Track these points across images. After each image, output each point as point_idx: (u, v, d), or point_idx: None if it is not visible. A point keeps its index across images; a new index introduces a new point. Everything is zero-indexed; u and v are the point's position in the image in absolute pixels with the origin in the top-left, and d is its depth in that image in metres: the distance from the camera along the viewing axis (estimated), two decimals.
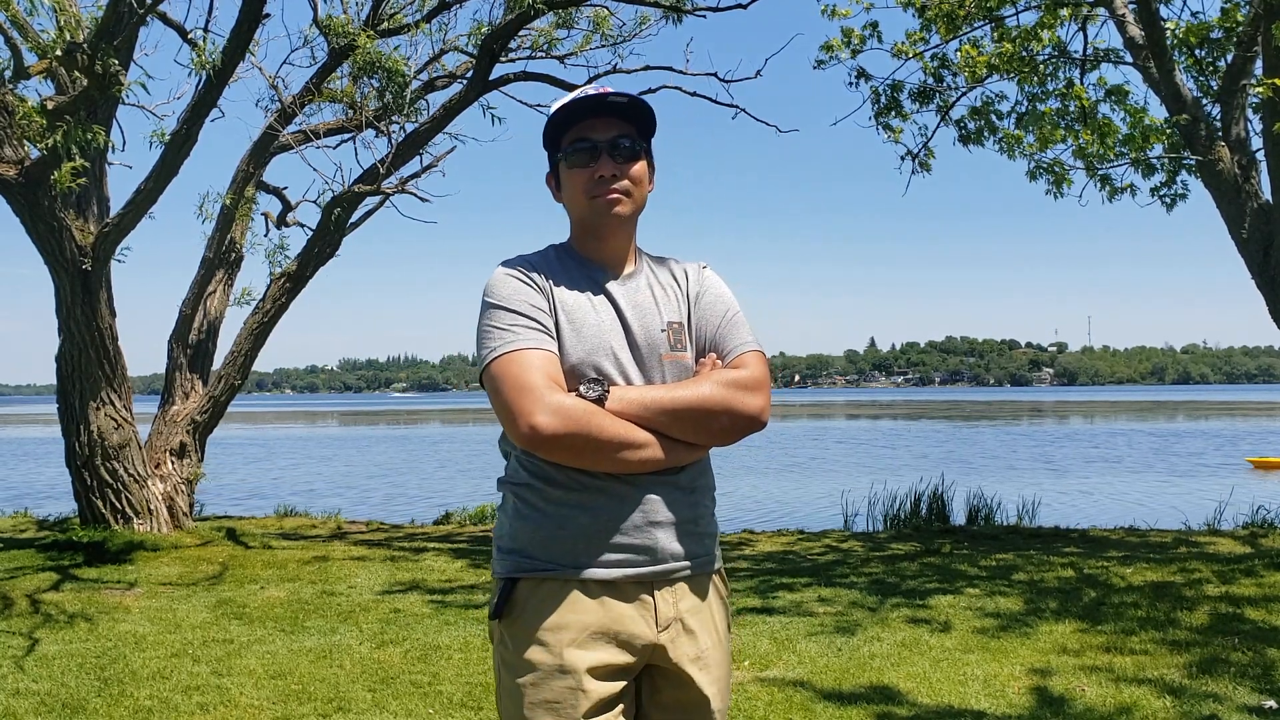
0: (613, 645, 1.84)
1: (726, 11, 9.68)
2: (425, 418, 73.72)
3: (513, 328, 1.87)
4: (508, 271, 1.95)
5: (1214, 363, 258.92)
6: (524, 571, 1.86)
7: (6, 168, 7.77)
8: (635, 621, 1.86)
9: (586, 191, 1.94)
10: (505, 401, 1.81)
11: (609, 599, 1.85)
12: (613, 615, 1.84)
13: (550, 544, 1.85)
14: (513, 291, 1.91)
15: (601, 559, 1.84)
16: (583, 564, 1.84)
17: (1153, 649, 5.19)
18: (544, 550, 1.85)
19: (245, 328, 10.18)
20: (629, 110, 1.94)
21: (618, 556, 1.85)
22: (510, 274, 1.94)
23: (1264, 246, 8.57)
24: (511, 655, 1.86)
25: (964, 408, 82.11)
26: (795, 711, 4.32)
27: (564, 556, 1.84)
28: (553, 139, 2.00)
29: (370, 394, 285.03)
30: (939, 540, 9.13)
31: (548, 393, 1.80)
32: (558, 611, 1.83)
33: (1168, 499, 16.31)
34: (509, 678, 1.86)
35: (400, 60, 9.69)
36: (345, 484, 21.71)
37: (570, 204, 1.99)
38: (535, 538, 1.86)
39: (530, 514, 1.87)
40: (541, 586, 1.85)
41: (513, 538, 1.89)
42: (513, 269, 1.95)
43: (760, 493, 18.37)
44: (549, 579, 1.84)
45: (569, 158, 1.95)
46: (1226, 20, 9.16)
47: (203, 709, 4.47)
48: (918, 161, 11.12)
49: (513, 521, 1.90)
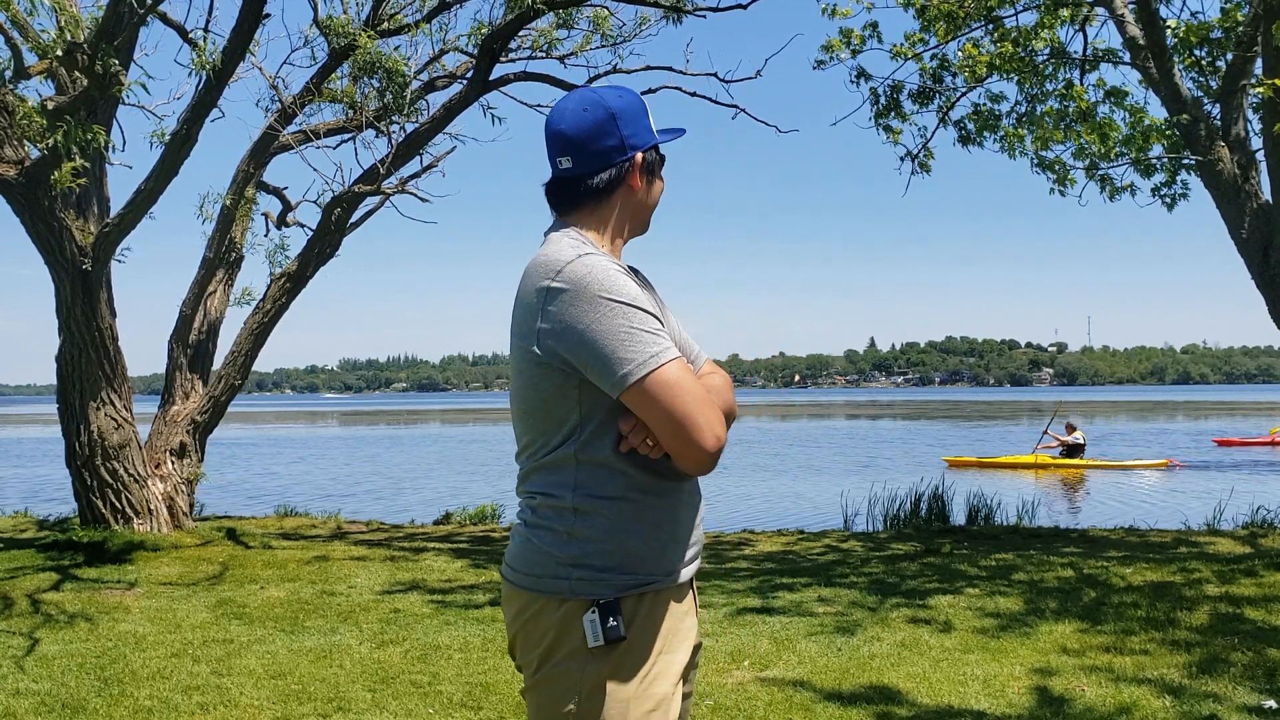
0: (687, 644, 1.87)
1: (726, 11, 9.68)
2: (425, 418, 73.72)
3: (659, 333, 1.73)
4: (611, 266, 1.76)
5: (1214, 363, 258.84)
6: (629, 589, 1.76)
7: (6, 168, 7.78)
8: (691, 615, 1.90)
9: (656, 202, 1.97)
10: (685, 413, 1.68)
11: (684, 599, 1.88)
12: (687, 614, 1.88)
13: (659, 554, 1.79)
14: (635, 291, 1.74)
15: (684, 561, 1.85)
16: (674, 569, 1.82)
17: (1153, 649, 5.19)
18: (644, 563, 1.77)
19: (245, 328, 10.18)
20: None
21: (690, 555, 1.87)
22: (616, 269, 1.76)
23: (1264, 246, 8.57)
24: (623, 676, 1.74)
25: (964, 408, 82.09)
26: (795, 711, 4.32)
27: (662, 565, 1.80)
28: (650, 129, 1.93)
29: (370, 394, 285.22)
30: (939, 540, 9.13)
31: (716, 403, 1.76)
32: (668, 622, 1.80)
33: (1167, 499, 16.32)
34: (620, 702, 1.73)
35: (400, 60, 9.70)
36: (345, 484, 21.71)
37: (643, 204, 1.95)
38: (645, 549, 1.77)
39: (633, 527, 1.76)
40: (643, 600, 1.78)
41: (609, 555, 1.75)
42: (611, 263, 1.77)
43: (760, 493, 18.37)
44: (646, 592, 1.78)
45: (659, 167, 1.96)
46: (1226, 20, 9.16)
47: (203, 709, 4.47)
48: (917, 162, 11.14)
49: (614, 536, 1.75)
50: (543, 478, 1.79)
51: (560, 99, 1.96)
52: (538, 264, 1.79)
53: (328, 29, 9.60)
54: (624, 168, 1.89)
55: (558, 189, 1.91)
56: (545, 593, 1.76)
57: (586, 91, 1.92)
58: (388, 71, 9.52)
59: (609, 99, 1.89)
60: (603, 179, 1.88)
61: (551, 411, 1.77)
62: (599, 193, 1.88)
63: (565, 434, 1.76)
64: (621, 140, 1.87)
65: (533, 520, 1.80)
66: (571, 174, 1.89)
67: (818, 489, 18.90)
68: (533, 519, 1.80)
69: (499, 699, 4.55)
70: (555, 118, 1.90)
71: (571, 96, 1.93)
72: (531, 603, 1.78)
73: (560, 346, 1.72)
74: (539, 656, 1.77)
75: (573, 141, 1.87)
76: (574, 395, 1.75)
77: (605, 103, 1.88)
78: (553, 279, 1.73)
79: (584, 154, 1.87)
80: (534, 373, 1.77)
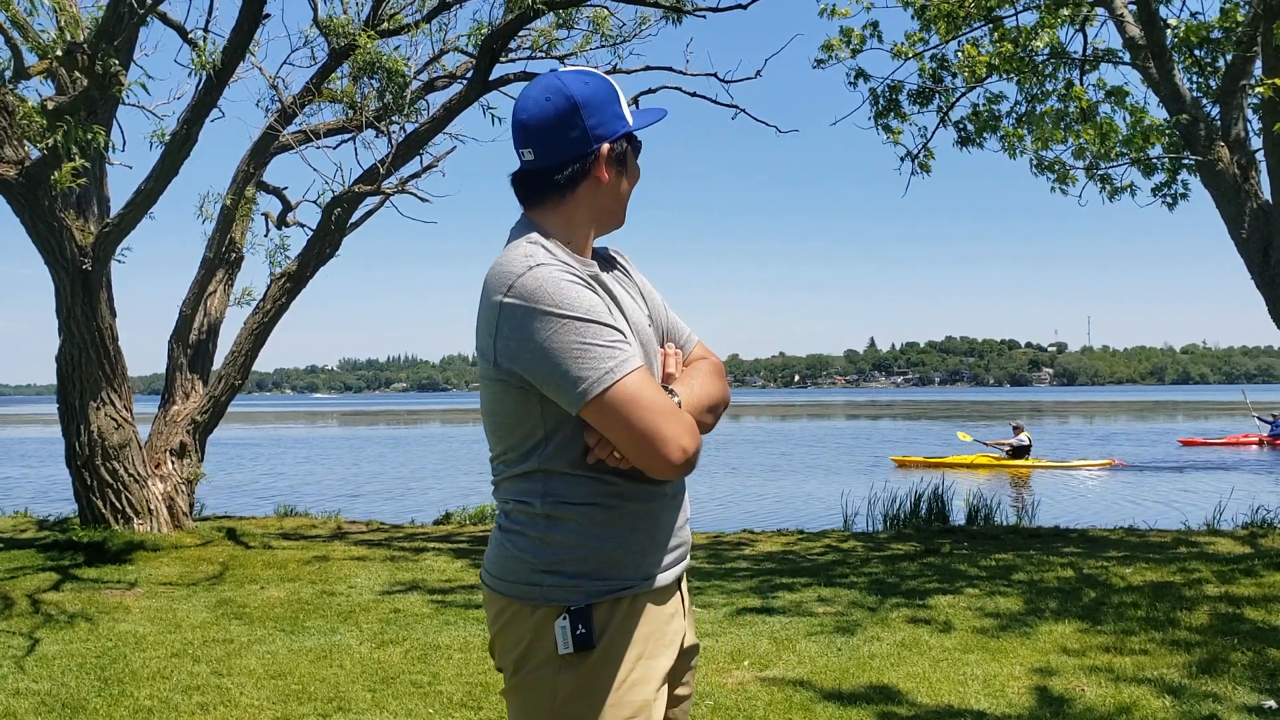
0: (671, 648, 1.82)
1: (726, 11, 9.69)
2: (425, 418, 73.72)
3: (615, 344, 1.66)
4: (564, 277, 1.68)
5: (1214, 363, 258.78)
6: (602, 595, 1.73)
7: (6, 168, 7.77)
8: (678, 618, 1.85)
9: (627, 195, 1.89)
10: (650, 427, 1.64)
11: (667, 603, 1.83)
12: (671, 618, 1.83)
13: (635, 559, 1.75)
14: (589, 302, 1.68)
15: (663, 565, 1.80)
16: (652, 574, 1.78)
17: (1153, 649, 5.19)
18: (619, 568, 1.74)
19: (245, 328, 10.18)
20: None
21: (671, 559, 1.82)
22: (569, 279, 1.68)
23: (1264, 246, 8.57)
24: (599, 683, 1.72)
25: (964, 407, 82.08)
26: (795, 711, 4.32)
27: (639, 569, 1.76)
28: (619, 116, 1.82)
29: (370, 394, 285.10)
30: (939, 540, 9.13)
31: (682, 412, 1.71)
32: (641, 628, 1.76)
33: (1167, 499, 16.31)
34: (594, 709, 1.71)
35: (400, 60, 9.70)
36: (345, 484, 21.71)
37: (612, 195, 1.85)
38: (619, 555, 1.74)
39: (607, 533, 1.73)
40: (618, 606, 1.74)
41: (582, 560, 1.72)
42: (563, 273, 1.70)
43: (760, 493, 18.37)
44: (622, 597, 1.75)
45: (631, 157, 1.88)
46: (1226, 20, 9.16)
47: (203, 709, 4.47)
48: (917, 162, 11.14)
49: (586, 542, 1.72)
50: (514, 485, 1.77)
51: (525, 85, 1.86)
52: (492, 275, 1.73)
53: (328, 29, 9.60)
54: (589, 160, 1.79)
55: (522, 181, 1.83)
56: (519, 599, 1.74)
57: (550, 78, 1.81)
58: (388, 71, 9.52)
59: (572, 86, 1.77)
60: (566, 173, 1.79)
61: (517, 425, 1.74)
62: (562, 186, 1.80)
63: (532, 445, 1.73)
64: (585, 130, 1.77)
65: (507, 525, 1.78)
66: (534, 166, 1.80)
67: (818, 489, 18.90)
68: (507, 524, 1.78)
69: (499, 699, 4.55)
70: (518, 106, 1.80)
71: (536, 83, 1.82)
72: (507, 607, 1.76)
73: (515, 365, 1.68)
74: (514, 661, 1.76)
75: (534, 132, 1.77)
76: (537, 411, 1.71)
77: (568, 90, 1.77)
78: (504, 294, 1.68)
79: (545, 145, 1.77)
80: (495, 388, 1.74)
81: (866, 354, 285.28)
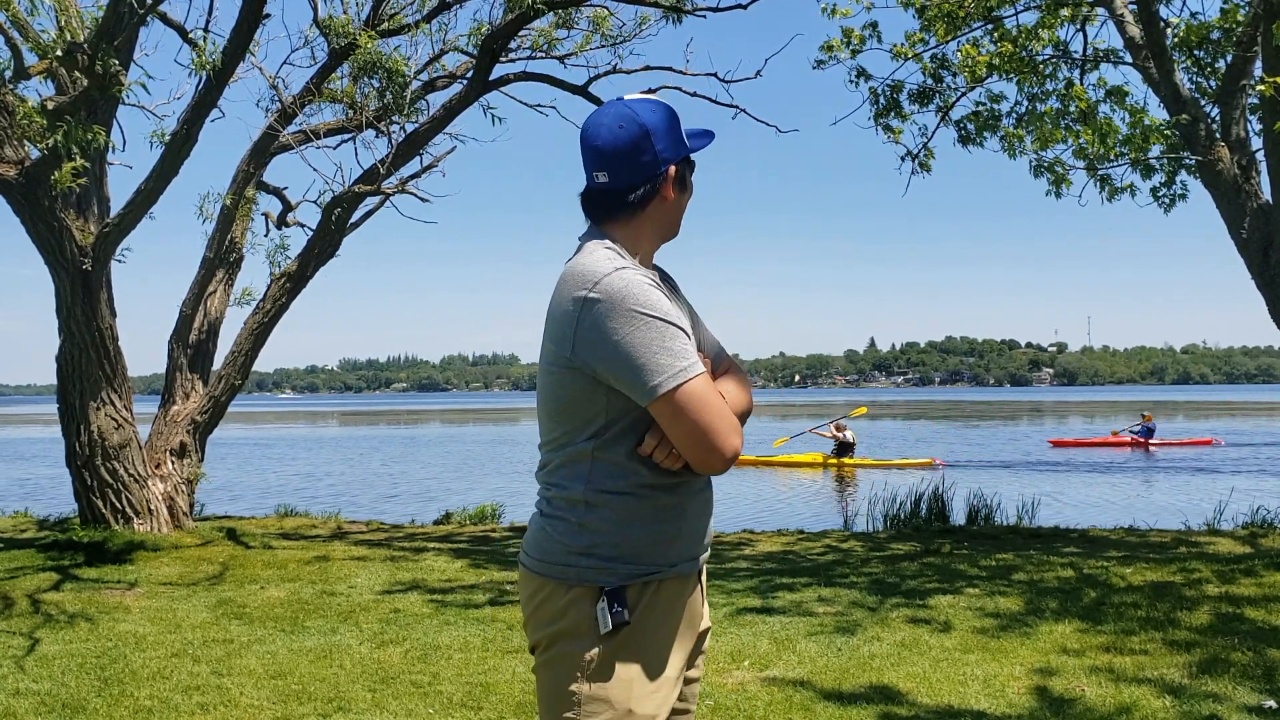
0: (691, 629, 1.98)
1: (726, 11, 9.70)
2: (425, 418, 73.73)
3: (688, 347, 1.83)
4: (645, 280, 1.84)
5: (1214, 363, 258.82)
6: (633, 578, 1.87)
7: (6, 168, 7.78)
8: (697, 602, 2.00)
9: (685, 208, 2.06)
10: (709, 424, 1.81)
11: (689, 588, 1.98)
12: (694, 603, 1.98)
13: (663, 546, 1.89)
14: (667, 306, 1.84)
15: (687, 554, 1.95)
16: (678, 561, 1.92)
17: (1153, 649, 5.19)
18: (648, 554, 1.88)
19: (245, 328, 10.19)
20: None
21: (695, 549, 1.97)
22: (648, 283, 1.85)
23: (1264, 246, 8.57)
24: (628, 659, 1.86)
25: (964, 407, 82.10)
26: (795, 711, 4.32)
27: (671, 556, 1.91)
28: (681, 141, 1.99)
29: (370, 394, 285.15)
30: (939, 540, 9.13)
31: (731, 414, 1.87)
32: (667, 610, 1.91)
33: (1167, 499, 16.32)
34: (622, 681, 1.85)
35: (400, 60, 9.70)
36: (345, 484, 21.71)
37: (675, 211, 2.03)
38: (649, 541, 1.88)
39: (639, 521, 1.87)
40: (647, 589, 1.89)
41: (616, 545, 1.86)
42: (644, 277, 1.86)
43: (760, 493, 18.37)
44: (650, 581, 1.89)
45: (689, 173, 2.04)
46: (1226, 20, 9.17)
47: (203, 709, 4.47)
48: (917, 162, 11.14)
49: (620, 528, 1.86)
50: (561, 470, 1.90)
51: (595, 112, 2.01)
52: (574, 273, 1.86)
53: (328, 29, 9.61)
54: (658, 181, 1.96)
55: (594, 201, 1.98)
56: (555, 578, 1.88)
57: (620, 106, 1.96)
58: (388, 71, 9.52)
59: (643, 114, 1.94)
60: (639, 193, 1.95)
61: (578, 411, 1.87)
62: (634, 205, 1.96)
63: (590, 433, 1.87)
64: (655, 155, 1.94)
65: (548, 511, 1.92)
66: (608, 188, 1.95)
67: (818, 489, 18.91)
68: (548, 509, 1.92)
69: (499, 699, 4.56)
70: (591, 133, 1.95)
71: (606, 111, 1.98)
72: (543, 587, 1.90)
73: (593, 356, 1.81)
74: (548, 637, 1.89)
75: (609, 157, 1.93)
76: (602, 400, 1.85)
77: (639, 119, 1.94)
78: (589, 290, 1.81)
79: (620, 169, 1.94)
80: (565, 376, 1.86)
81: (867, 354, 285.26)
